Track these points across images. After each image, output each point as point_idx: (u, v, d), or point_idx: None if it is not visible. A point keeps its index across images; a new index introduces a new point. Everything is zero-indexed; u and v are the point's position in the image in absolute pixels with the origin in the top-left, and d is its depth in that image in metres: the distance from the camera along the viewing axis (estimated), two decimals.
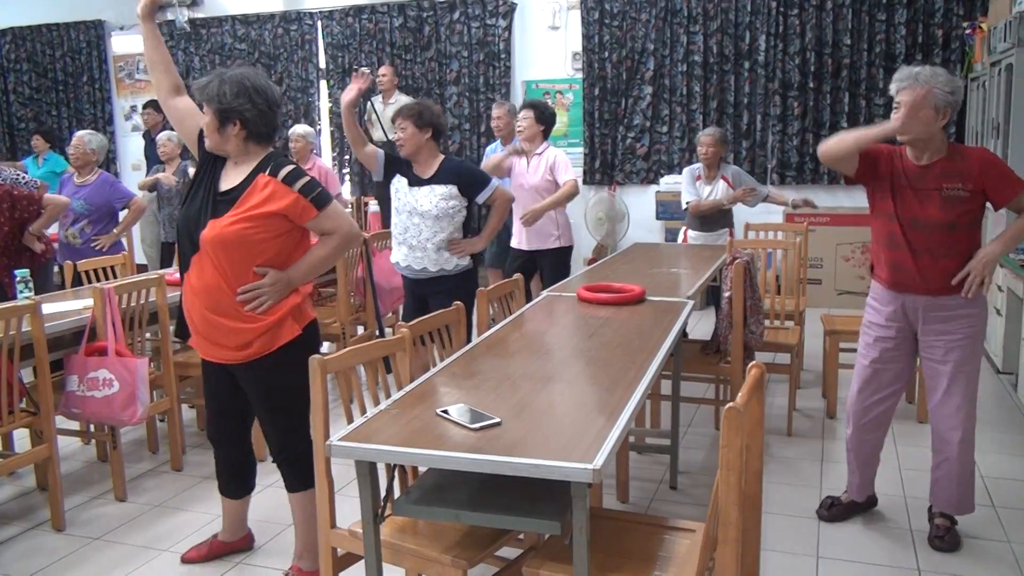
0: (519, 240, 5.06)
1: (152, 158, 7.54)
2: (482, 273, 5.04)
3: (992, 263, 2.90)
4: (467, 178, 3.91)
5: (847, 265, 7.06)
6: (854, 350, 4.45)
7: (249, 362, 2.73)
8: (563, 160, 4.98)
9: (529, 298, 4.82)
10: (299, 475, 2.84)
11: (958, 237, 2.94)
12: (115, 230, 5.37)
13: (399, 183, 3.96)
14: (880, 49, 7.02)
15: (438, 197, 3.83)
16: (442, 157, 3.93)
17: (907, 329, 3.12)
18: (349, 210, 8.01)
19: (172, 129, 7.06)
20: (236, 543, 3.17)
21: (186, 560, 3.13)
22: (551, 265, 4.98)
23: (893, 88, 2.91)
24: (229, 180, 2.73)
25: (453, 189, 3.84)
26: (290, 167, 2.70)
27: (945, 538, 3.11)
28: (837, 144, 2.95)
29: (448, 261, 3.91)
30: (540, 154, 4.96)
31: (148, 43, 2.89)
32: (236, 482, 3.07)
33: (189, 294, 2.76)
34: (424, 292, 4.00)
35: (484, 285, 3.82)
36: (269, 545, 3.24)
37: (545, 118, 4.98)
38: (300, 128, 6.51)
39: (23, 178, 6.20)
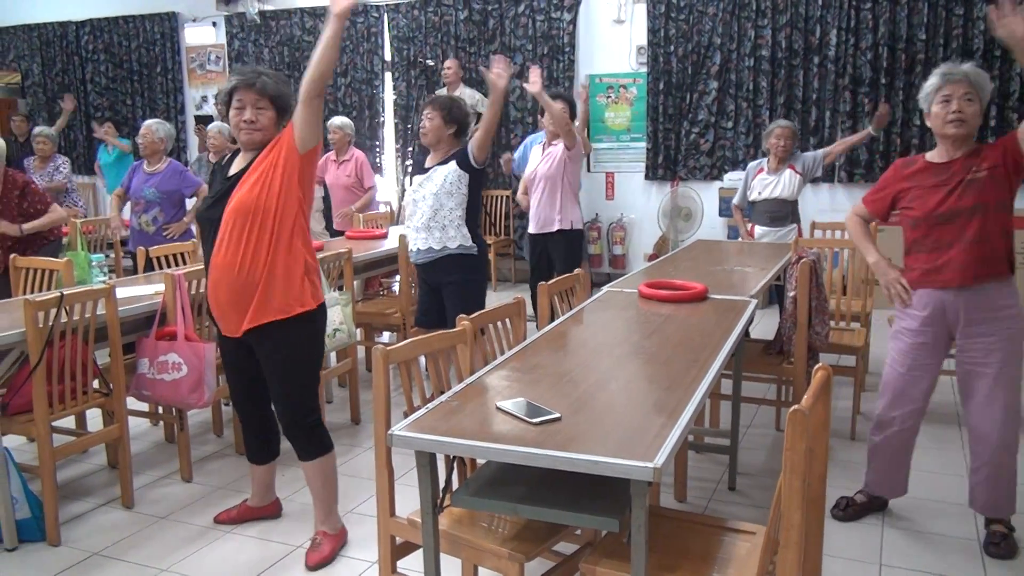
0: (531, 224, 5.32)
1: None
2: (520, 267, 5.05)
3: None
4: (463, 148, 3.96)
5: None
6: None
7: (267, 327, 2.86)
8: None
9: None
10: (311, 445, 3.03)
11: (986, 220, 2.93)
12: (185, 218, 5.50)
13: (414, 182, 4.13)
14: (957, 44, 6.80)
15: (439, 175, 3.96)
16: (456, 150, 4.00)
17: (943, 333, 3.09)
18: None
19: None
20: (264, 509, 3.36)
21: (218, 520, 3.36)
22: (561, 247, 5.19)
23: (937, 81, 2.97)
24: (237, 166, 2.95)
25: (451, 164, 3.93)
26: None
27: (1001, 544, 3.07)
28: (852, 236, 3.31)
29: (452, 240, 3.97)
30: (555, 144, 5.13)
31: (333, 42, 2.90)
32: (259, 447, 3.26)
33: (214, 276, 2.90)
34: (435, 281, 4.09)
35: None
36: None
37: (573, 112, 5.25)
38: (339, 120, 6.56)
39: (72, 184, 6.68)
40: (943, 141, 3.02)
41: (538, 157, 5.29)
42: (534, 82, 4.74)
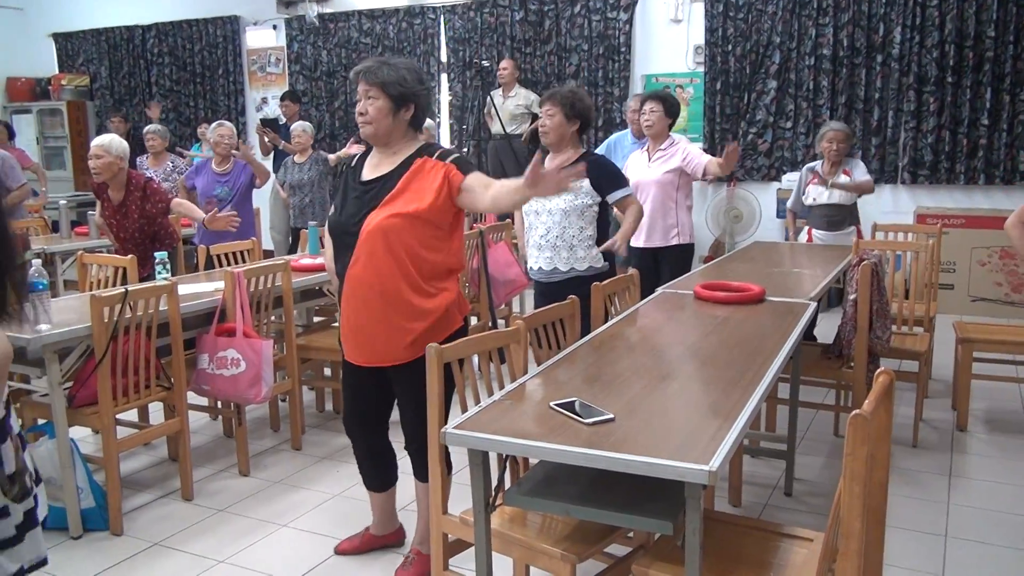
0: (637, 237, 4.77)
1: (278, 151, 7.82)
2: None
3: None
4: (605, 174, 3.63)
5: (983, 270, 6.66)
6: (988, 360, 4.26)
7: (416, 359, 2.68)
8: (697, 150, 4.86)
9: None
10: None
11: None
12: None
13: None
14: None
15: (568, 192, 3.56)
16: (583, 151, 3.69)
17: None
18: None
19: (307, 120, 7.42)
20: (387, 537, 3.17)
21: (340, 552, 3.15)
22: (672, 261, 4.73)
23: None
24: (379, 168, 2.75)
25: (585, 183, 3.58)
26: (457, 153, 2.76)
27: None
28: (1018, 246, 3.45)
29: (581, 261, 3.66)
30: (664, 148, 4.81)
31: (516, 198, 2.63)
32: (379, 474, 3.06)
33: (350, 290, 2.72)
34: (556, 298, 3.48)
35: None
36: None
37: (674, 112, 4.83)
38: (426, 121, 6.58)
39: (181, 167, 6.78)
40: None
41: (643, 165, 4.81)
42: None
